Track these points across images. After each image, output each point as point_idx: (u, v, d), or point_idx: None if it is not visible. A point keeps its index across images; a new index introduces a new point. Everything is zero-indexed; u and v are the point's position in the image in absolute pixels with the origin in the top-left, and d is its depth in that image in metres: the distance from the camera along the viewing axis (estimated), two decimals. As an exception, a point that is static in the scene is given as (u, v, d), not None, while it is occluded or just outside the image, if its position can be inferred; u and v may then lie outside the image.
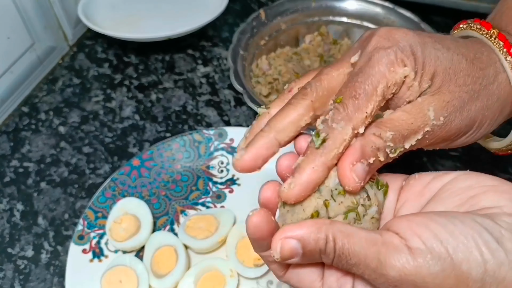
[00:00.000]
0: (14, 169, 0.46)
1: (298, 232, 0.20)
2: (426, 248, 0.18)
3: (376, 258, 0.18)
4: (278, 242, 0.20)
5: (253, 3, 0.68)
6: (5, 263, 0.39)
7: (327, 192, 0.21)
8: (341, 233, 0.19)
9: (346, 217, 0.21)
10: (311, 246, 0.20)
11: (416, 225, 0.19)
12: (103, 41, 0.62)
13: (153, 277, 0.36)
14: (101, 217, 0.40)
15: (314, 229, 0.20)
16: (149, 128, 0.50)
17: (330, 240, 0.19)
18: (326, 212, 0.21)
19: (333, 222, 0.20)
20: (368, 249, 0.19)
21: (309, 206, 0.21)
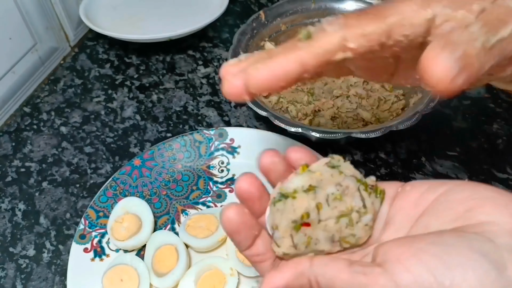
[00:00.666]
0: (16, 168, 0.47)
1: (281, 283, 0.20)
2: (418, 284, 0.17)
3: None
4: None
5: (253, 4, 0.69)
6: (6, 262, 0.39)
7: (322, 195, 0.21)
8: (323, 276, 0.19)
9: (338, 222, 0.21)
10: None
11: (407, 257, 0.17)
12: (105, 42, 0.62)
13: (154, 276, 0.36)
14: (102, 217, 0.40)
15: (296, 275, 0.19)
16: (150, 128, 0.51)
17: (314, 285, 0.19)
18: (317, 214, 0.21)
19: (312, 264, 0.19)
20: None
21: (300, 207, 0.21)
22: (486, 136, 0.48)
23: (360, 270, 0.18)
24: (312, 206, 0.21)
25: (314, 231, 0.21)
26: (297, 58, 0.19)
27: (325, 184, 0.21)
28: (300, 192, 0.21)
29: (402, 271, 0.17)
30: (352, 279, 0.18)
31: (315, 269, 0.19)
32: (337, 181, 0.21)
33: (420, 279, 0.17)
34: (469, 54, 0.17)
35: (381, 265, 0.18)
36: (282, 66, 0.19)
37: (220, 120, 0.51)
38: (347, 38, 0.19)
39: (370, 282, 0.18)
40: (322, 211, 0.21)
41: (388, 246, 0.19)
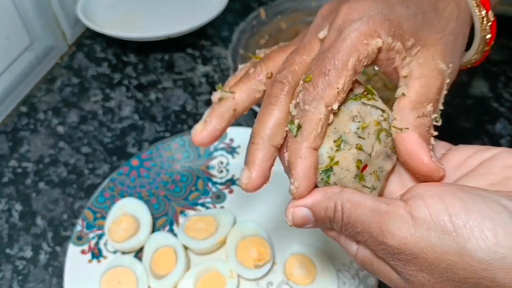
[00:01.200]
0: (13, 169, 0.46)
1: (308, 201, 0.21)
2: (431, 219, 0.17)
3: (378, 226, 0.19)
4: (290, 210, 0.21)
5: (253, 2, 0.68)
6: (3, 263, 0.39)
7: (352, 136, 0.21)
8: (349, 202, 0.20)
9: (381, 141, 0.21)
10: (322, 214, 0.20)
11: (431, 195, 0.18)
12: (102, 41, 0.61)
13: (152, 278, 0.35)
14: (100, 218, 0.39)
15: (324, 198, 0.20)
16: (148, 128, 0.50)
17: (338, 209, 0.20)
18: (364, 154, 0.21)
19: (343, 191, 0.20)
20: (373, 218, 0.19)
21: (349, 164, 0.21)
22: (489, 136, 0.48)
23: (384, 201, 0.20)
24: (355, 153, 0.21)
25: (372, 166, 0.22)
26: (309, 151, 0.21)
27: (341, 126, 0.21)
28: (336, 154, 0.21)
29: (420, 205, 0.18)
30: (374, 205, 0.19)
31: (344, 194, 0.20)
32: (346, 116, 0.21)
33: (435, 216, 0.17)
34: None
35: (405, 200, 0.19)
36: (306, 167, 0.21)
37: (220, 119, 0.51)
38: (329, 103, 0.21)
39: (389, 210, 0.19)
40: (364, 148, 0.21)
41: (418, 185, 0.20)
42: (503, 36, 0.59)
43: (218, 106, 0.23)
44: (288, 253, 0.36)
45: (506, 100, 0.52)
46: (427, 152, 0.20)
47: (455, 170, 0.21)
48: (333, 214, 0.20)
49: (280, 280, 0.36)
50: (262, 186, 0.23)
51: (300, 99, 0.21)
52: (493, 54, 0.60)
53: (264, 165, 0.22)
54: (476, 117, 0.50)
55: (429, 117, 0.21)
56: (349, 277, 0.35)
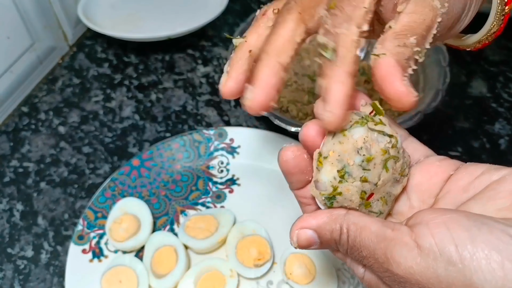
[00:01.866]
0: (14, 169, 0.46)
1: (313, 223, 0.20)
2: (437, 250, 0.17)
3: (384, 253, 0.18)
4: (295, 232, 0.21)
5: (253, 3, 0.68)
6: (4, 263, 0.39)
7: (357, 169, 0.20)
8: (354, 225, 0.19)
9: (388, 169, 0.21)
10: (327, 237, 0.20)
11: (437, 223, 0.18)
12: (103, 41, 0.62)
13: (153, 277, 0.36)
14: (101, 217, 0.40)
15: (330, 220, 0.20)
16: (149, 128, 0.50)
17: (344, 232, 0.20)
18: (369, 185, 0.21)
19: (348, 213, 0.20)
20: (378, 244, 0.19)
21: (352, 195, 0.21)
22: (488, 136, 0.48)
23: (390, 226, 0.19)
24: (359, 187, 0.21)
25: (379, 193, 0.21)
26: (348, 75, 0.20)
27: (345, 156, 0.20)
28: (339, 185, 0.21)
29: (426, 234, 0.17)
30: (380, 231, 0.19)
31: (349, 217, 0.20)
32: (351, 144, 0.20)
33: (441, 246, 0.17)
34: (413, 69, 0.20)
35: (410, 226, 0.19)
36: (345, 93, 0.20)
37: (220, 119, 0.51)
38: (360, 24, 0.20)
39: (395, 237, 0.18)
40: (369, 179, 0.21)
41: (424, 211, 0.19)
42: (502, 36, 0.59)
43: (234, 54, 0.23)
44: (288, 252, 0.36)
45: (505, 100, 0.52)
46: (399, 76, 0.20)
47: (462, 193, 0.20)
48: (339, 236, 0.20)
49: (280, 279, 0.36)
50: (267, 107, 0.21)
51: (330, 25, 0.20)
52: (492, 54, 0.60)
53: (270, 82, 0.21)
54: (475, 117, 0.50)
55: (410, 48, 0.20)
56: (349, 277, 0.36)
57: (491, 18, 0.27)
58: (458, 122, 0.50)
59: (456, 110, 0.51)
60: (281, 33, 0.21)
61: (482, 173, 0.20)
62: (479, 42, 0.29)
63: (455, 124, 0.49)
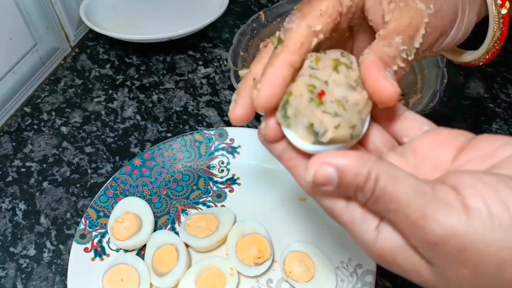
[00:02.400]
0: (17, 168, 0.47)
1: (339, 161, 0.18)
2: (488, 210, 0.15)
3: (421, 209, 0.16)
4: (314, 164, 0.18)
5: (253, 5, 0.69)
6: (7, 262, 0.39)
7: (306, 69, 0.21)
8: (387, 174, 0.17)
9: (339, 71, 0.21)
10: (349, 179, 0.18)
11: (483, 184, 0.16)
12: (105, 42, 0.62)
13: (154, 276, 0.36)
14: (102, 216, 0.40)
15: (358, 163, 0.17)
16: (151, 128, 0.51)
17: (371, 178, 0.17)
18: (318, 81, 0.21)
19: (381, 161, 0.18)
20: (414, 198, 0.16)
21: (301, 89, 0.20)
22: (486, 136, 0.48)
23: (429, 183, 0.17)
24: (307, 81, 0.21)
25: (333, 94, 0.20)
26: (284, 61, 0.21)
27: (303, 69, 0.22)
28: (290, 85, 0.21)
29: (474, 195, 0.16)
30: (418, 185, 0.17)
31: (381, 164, 0.18)
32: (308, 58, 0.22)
33: (492, 207, 0.16)
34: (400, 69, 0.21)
35: (453, 186, 0.17)
36: (276, 75, 0.21)
37: (220, 120, 0.51)
38: (311, 24, 0.21)
39: (436, 194, 0.16)
40: (319, 75, 0.21)
41: (460, 173, 0.17)
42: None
43: (241, 84, 0.24)
44: (288, 250, 0.37)
45: (503, 101, 0.52)
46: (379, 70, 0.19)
47: (484, 161, 0.19)
48: (364, 182, 0.17)
49: (280, 277, 0.36)
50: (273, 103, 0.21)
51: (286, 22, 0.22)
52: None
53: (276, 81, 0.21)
54: (472, 117, 0.51)
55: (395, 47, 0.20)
56: (347, 275, 0.36)
57: (491, 23, 0.27)
58: (456, 122, 0.50)
59: (453, 110, 0.51)
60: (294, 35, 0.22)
61: (504, 143, 0.19)
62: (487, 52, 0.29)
63: (452, 124, 0.50)
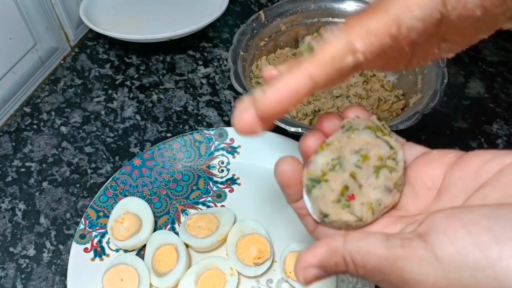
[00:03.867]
0: (16, 168, 0.47)
1: (314, 261, 0.19)
2: (460, 258, 0.15)
3: (401, 276, 0.17)
4: (300, 274, 0.19)
5: (253, 5, 0.69)
6: (7, 262, 0.39)
7: (350, 163, 0.21)
8: (357, 253, 0.18)
9: (378, 175, 0.21)
10: (333, 270, 0.19)
11: (454, 228, 0.16)
12: (105, 42, 0.62)
13: (154, 276, 0.36)
14: (102, 217, 0.40)
15: (329, 254, 0.19)
16: (150, 128, 0.51)
17: (349, 261, 0.18)
18: (355, 182, 0.21)
19: (346, 241, 0.19)
20: (391, 267, 0.17)
21: (336, 185, 0.21)
22: (486, 136, 0.48)
23: (398, 243, 0.17)
24: (346, 178, 0.21)
25: (363, 196, 0.21)
26: (304, 73, 0.18)
27: (346, 150, 0.21)
28: (329, 172, 0.21)
29: (445, 242, 0.16)
30: (388, 253, 0.17)
31: (349, 245, 0.18)
32: (355, 142, 0.22)
33: (463, 252, 0.15)
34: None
35: (422, 237, 0.17)
36: (290, 85, 0.19)
37: (220, 120, 0.51)
38: (352, 40, 0.19)
39: (407, 254, 0.17)
40: (358, 177, 0.21)
41: (436, 216, 0.17)
42: (500, 37, 0.60)
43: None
44: (287, 251, 0.37)
45: (503, 101, 0.52)
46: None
47: (474, 178, 0.19)
48: (345, 267, 0.18)
49: (280, 277, 0.36)
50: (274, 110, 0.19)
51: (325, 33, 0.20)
52: (490, 55, 0.60)
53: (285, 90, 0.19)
54: (472, 117, 0.50)
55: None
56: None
57: None
58: (456, 122, 0.50)
59: (454, 110, 0.51)
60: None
61: (493, 157, 0.19)
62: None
63: (453, 124, 0.50)
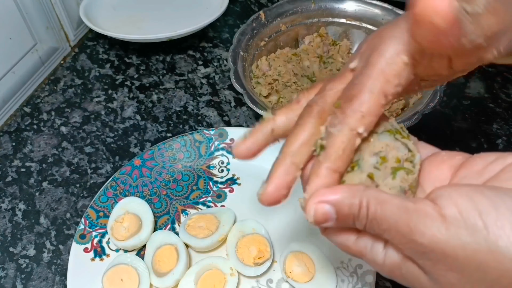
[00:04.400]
0: (16, 168, 0.47)
1: (332, 197, 0.20)
2: (461, 217, 0.17)
3: (406, 224, 0.18)
4: (312, 206, 0.20)
5: (253, 5, 0.69)
6: (7, 262, 0.39)
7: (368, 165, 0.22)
8: (375, 199, 0.19)
9: (395, 177, 0.21)
10: (345, 211, 0.20)
11: (459, 194, 0.18)
12: (105, 42, 0.62)
13: (154, 276, 0.36)
14: (102, 217, 0.40)
15: (349, 195, 0.20)
16: (150, 128, 0.51)
17: (363, 206, 0.19)
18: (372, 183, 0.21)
19: (368, 188, 0.20)
20: (399, 216, 0.18)
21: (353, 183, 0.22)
22: (486, 136, 0.48)
23: (410, 200, 0.19)
24: (364, 179, 0.21)
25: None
26: (328, 171, 0.21)
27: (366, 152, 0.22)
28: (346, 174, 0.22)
29: (449, 204, 0.18)
30: (401, 203, 0.19)
31: (369, 192, 0.20)
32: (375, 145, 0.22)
33: (465, 214, 0.17)
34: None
35: (431, 199, 0.19)
36: (319, 185, 0.21)
37: (220, 120, 0.51)
38: (354, 127, 0.21)
39: (417, 208, 0.18)
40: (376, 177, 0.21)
41: (443, 187, 0.19)
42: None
43: (259, 125, 0.25)
44: (288, 251, 0.37)
45: (503, 101, 0.52)
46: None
47: (478, 176, 0.21)
48: (358, 211, 0.20)
49: (280, 277, 0.36)
50: (278, 201, 0.23)
51: (328, 123, 0.22)
52: (490, 55, 0.60)
53: (281, 179, 0.22)
54: (473, 117, 0.50)
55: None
56: (348, 275, 0.36)
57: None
58: (456, 122, 0.50)
59: (454, 110, 0.51)
60: (299, 135, 0.22)
61: (496, 158, 0.21)
62: None
63: (453, 124, 0.50)
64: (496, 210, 0.17)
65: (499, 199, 0.17)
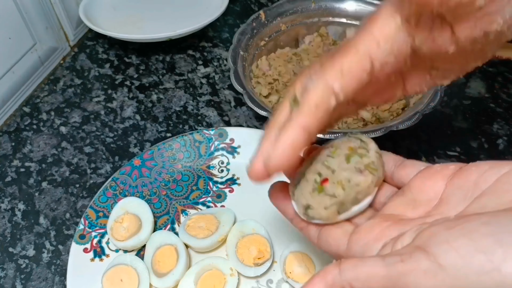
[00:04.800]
0: (16, 168, 0.47)
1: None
2: (465, 263, 0.15)
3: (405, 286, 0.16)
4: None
5: (253, 4, 0.69)
6: (6, 262, 0.39)
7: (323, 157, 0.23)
8: (357, 280, 0.17)
9: (349, 160, 0.22)
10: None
11: (456, 236, 0.16)
12: (104, 42, 0.62)
13: (154, 276, 0.36)
14: (102, 217, 0.40)
15: (327, 284, 0.18)
16: (150, 128, 0.51)
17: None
18: (327, 169, 0.22)
19: (341, 270, 0.18)
20: (394, 286, 0.17)
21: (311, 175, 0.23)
22: (487, 136, 0.48)
23: (397, 259, 0.17)
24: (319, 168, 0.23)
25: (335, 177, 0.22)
26: (297, 127, 0.20)
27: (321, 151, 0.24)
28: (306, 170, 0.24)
29: (447, 251, 0.16)
30: (389, 271, 0.17)
31: (345, 274, 0.18)
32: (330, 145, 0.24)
33: (468, 258, 0.15)
34: None
35: (422, 248, 0.17)
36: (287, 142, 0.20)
37: (220, 120, 0.51)
38: (329, 82, 0.20)
39: (410, 268, 0.16)
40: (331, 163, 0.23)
41: (434, 228, 0.17)
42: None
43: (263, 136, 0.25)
44: (288, 251, 0.37)
45: (503, 101, 0.52)
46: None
47: (474, 187, 0.20)
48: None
49: (280, 278, 0.36)
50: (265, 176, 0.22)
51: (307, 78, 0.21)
52: (490, 55, 0.60)
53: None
54: (473, 117, 0.50)
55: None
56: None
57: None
58: (457, 122, 0.50)
59: (454, 110, 0.51)
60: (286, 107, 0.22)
61: (490, 167, 0.20)
62: None
63: (453, 124, 0.50)
64: (501, 247, 0.15)
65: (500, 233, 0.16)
